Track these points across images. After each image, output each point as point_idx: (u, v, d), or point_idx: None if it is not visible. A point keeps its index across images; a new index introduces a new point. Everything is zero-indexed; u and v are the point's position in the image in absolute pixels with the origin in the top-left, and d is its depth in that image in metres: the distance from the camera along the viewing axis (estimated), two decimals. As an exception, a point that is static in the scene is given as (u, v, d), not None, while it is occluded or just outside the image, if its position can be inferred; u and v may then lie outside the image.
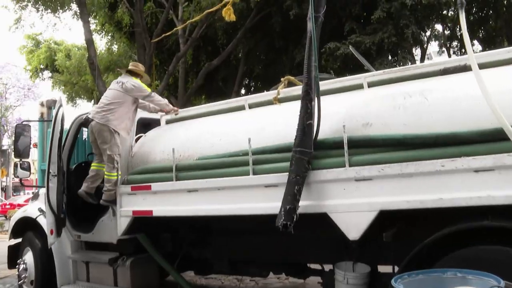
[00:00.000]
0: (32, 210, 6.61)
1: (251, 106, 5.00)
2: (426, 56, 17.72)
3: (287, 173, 3.67)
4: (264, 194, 3.96)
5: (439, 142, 3.24)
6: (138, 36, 12.02)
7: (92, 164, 5.51)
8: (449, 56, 17.23)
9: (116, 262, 5.44)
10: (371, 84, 4.26)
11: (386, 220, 3.51)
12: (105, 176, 5.24)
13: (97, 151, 5.41)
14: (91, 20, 14.30)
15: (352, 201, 3.52)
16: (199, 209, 4.41)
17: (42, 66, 21.84)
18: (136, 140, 5.57)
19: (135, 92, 5.36)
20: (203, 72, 13.97)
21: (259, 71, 17.85)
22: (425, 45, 16.02)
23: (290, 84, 5.03)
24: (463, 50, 17.84)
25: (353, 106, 3.93)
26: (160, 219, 4.94)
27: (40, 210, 6.27)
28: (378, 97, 3.91)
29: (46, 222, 5.59)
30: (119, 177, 5.19)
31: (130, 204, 5.04)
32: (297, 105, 4.41)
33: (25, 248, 6.60)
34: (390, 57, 12.17)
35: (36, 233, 6.35)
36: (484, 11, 14.83)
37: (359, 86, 4.32)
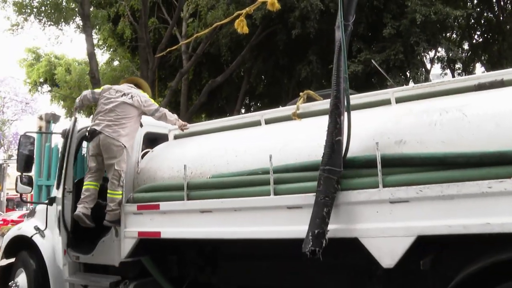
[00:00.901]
0: (27, 228, 6.23)
1: (267, 122, 4.72)
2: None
3: (313, 194, 3.39)
4: (286, 216, 3.65)
5: (484, 161, 2.96)
6: (142, 50, 11.79)
7: (86, 183, 5.11)
8: (453, 77, 17.14)
9: (117, 286, 5.05)
10: (399, 100, 4.02)
11: (424, 246, 3.20)
12: (108, 195, 4.90)
13: (96, 166, 5.07)
14: (94, 34, 14.08)
15: (386, 225, 3.22)
16: (213, 231, 4.07)
17: (41, 80, 21.53)
18: (143, 155, 5.25)
19: (146, 106, 5.07)
20: (206, 89, 13.72)
21: (261, 90, 17.66)
22: (430, 66, 15.93)
23: (309, 99, 4.77)
24: (466, 72, 17.77)
25: (383, 122, 3.67)
26: (167, 241, 4.59)
27: (37, 228, 5.92)
28: (411, 112, 3.64)
29: (52, 242, 5.24)
30: (123, 195, 4.86)
31: (136, 225, 4.69)
32: (319, 121, 4.18)
33: (18, 269, 6.19)
34: (401, 75, 12.02)
35: (31, 253, 5.97)
36: (490, 34, 14.76)
37: (386, 102, 4.07)
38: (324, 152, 3.39)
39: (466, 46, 18.18)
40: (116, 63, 17.07)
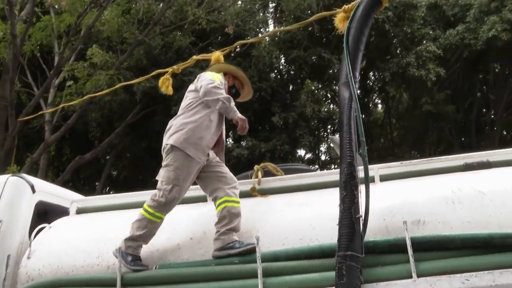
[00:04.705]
0: None
1: (216, 198, 3.80)
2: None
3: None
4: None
5: None
6: (1, 111, 9.67)
7: None
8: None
9: None
10: (384, 178, 3.56)
11: None
12: None
13: None
14: None
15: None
16: None
17: None
18: (36, 233, 3.73)
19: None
20: (72, 166, 11.83)
21: (126, 174, 16.15)
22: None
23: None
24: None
25: (388, 200, 3.11)
26: None
27: None
28: (418, 190, 3.19)
29: None
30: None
31: None
32: (291, 198, 3.53)
33: None
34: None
35: None
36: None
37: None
38: (342, 234, 2.67)
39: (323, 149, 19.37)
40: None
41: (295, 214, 3.21)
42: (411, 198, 3.10)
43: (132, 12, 13.18)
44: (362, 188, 3.04)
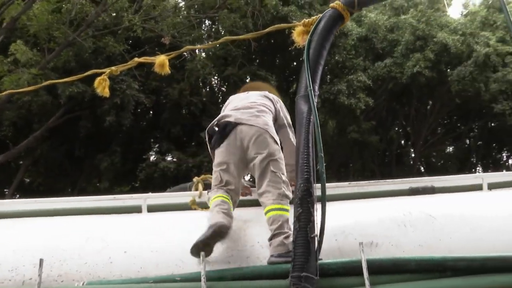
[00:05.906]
0: None
1: (151, 209, 3.51)
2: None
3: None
4: None
5: (488, 267, 2.57)
6: None
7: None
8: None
9: None
10: (330, 198, 3.46)
11: None
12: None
13: None
14: None
15: None
16: None
17: None
18: None
19: None
20: (-22, 169, 10.75)
21: (42, 182, 14.99)
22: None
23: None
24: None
25: (339, 220, 3.02)
26: None
27: None
28: (368, 211, 3.16)
29: None
30: None
31: None
32: (238, 213, 3.30)
33: None
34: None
35: None
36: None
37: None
38: (296, 253, 2.50)
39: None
40: None
41: (240, 231, 3.00)
42: (362, 220, 3.04)
43: (64, 11, 12.43)
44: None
